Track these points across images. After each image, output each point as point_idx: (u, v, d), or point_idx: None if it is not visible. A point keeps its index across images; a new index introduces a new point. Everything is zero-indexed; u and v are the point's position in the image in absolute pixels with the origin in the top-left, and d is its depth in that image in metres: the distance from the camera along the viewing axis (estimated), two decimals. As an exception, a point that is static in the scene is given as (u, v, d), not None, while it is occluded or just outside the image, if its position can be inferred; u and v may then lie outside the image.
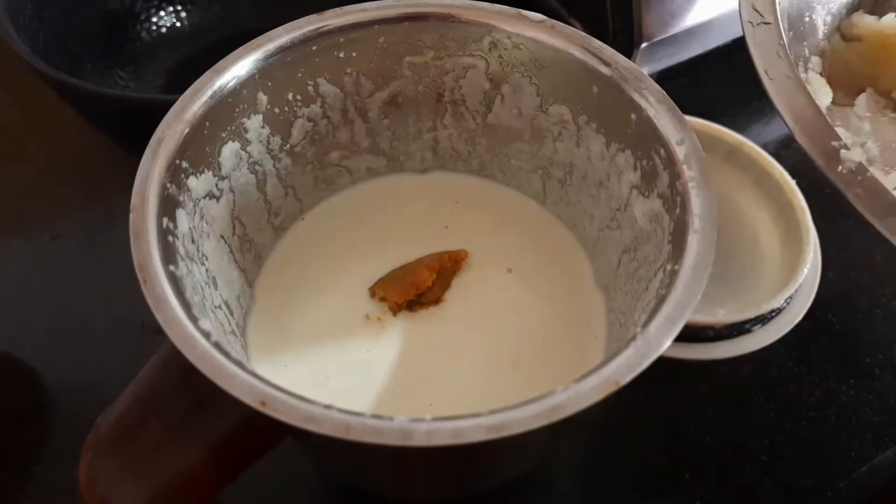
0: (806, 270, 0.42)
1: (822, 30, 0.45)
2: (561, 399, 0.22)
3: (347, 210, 0.40)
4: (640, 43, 0.51)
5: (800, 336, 0.42)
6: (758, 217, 0.47)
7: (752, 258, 0.45)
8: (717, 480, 0.40)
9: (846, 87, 0.45)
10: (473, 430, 0.21)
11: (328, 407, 0.22)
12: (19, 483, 0.40)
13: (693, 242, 0.26)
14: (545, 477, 0.40)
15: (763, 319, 0.41)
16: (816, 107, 0.33)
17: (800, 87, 0.33)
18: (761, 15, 0.37)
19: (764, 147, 0.47)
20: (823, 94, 0.42)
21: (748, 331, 0.41)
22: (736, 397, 0.44)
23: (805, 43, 0.43)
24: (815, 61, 0.44)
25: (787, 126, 0.32)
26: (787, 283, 0.42)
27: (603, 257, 0.36)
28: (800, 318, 0.42)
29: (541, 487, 0.40)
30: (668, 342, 0.23)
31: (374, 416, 0.21)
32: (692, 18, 0.53)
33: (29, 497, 0.40)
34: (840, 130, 0.39)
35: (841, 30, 0.46)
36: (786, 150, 0.56)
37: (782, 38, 0.35)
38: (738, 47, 0.59)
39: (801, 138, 0.32)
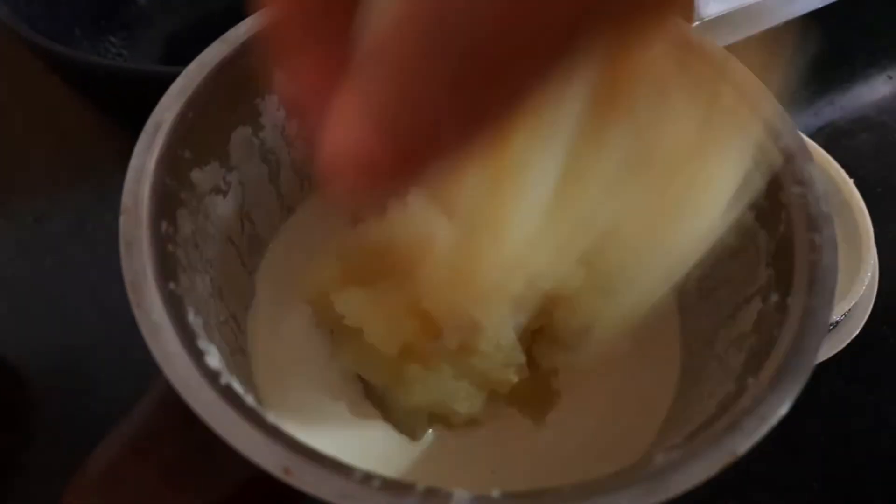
0: (867, 280, 0.39)
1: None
2: (664, 475, 0.17)
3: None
4: (693, 21, 0.47)
5: (851, 352, 0.38)
6: (809, 218, 0.43)
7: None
8: (766, 510, 0.37)
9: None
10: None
11: (368, 476, 0.17)
12: (-1, 490, 0.36)
13: (806, 270, 0.21)
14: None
15: (817, 334, 0.37)
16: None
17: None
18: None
19: (811, 139, 0.43)
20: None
21: (801, 346, 0.37)
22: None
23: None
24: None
25: None
26: (844, 293, 0.38)
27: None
28: (857, 332, 0.38)
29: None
30: (790, 401, 0.18)
31: (429, 491, 0.17)
32: (749, -5, 0.49)
33: (9, 506, 0.36)
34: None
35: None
36: (836, 144, 0.52)
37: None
38: (789, 31, 0.55)
39: None
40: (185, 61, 0.27)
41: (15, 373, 0.40)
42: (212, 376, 0.19)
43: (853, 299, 0.38)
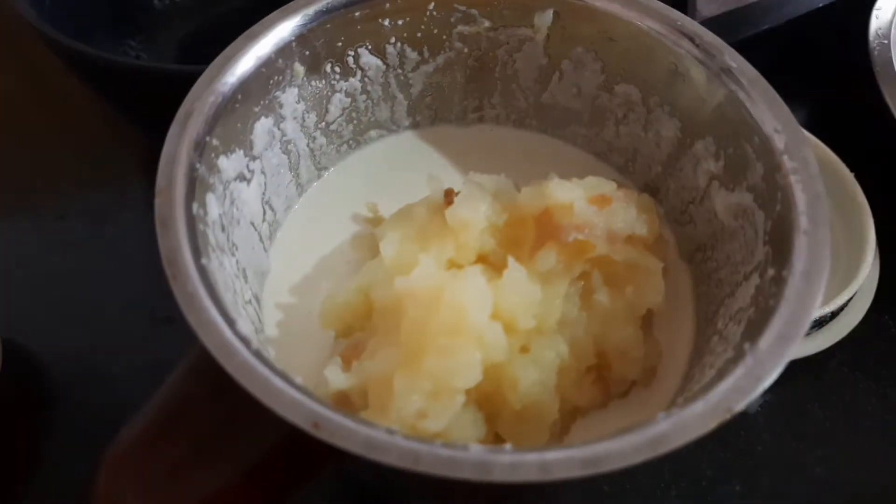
0: (867, 270, 0.39)
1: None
2: (664, 429, 0.18)
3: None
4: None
5: (854, 339, 0.39)
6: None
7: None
8: (770, 493, 0.38)
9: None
10: (564, 465, 0.18)
11: (391, 431, 0.18)
12: (19, 482, 0.37)
13: (802, 245, 0.22)
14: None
15: (820, 322, 0.38)
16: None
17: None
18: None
19: (813, 134, 0.44)
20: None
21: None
22: (788, 404, 0.41)
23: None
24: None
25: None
26: (846, 283, 0.39)
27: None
28: (858, 321, 0.39)
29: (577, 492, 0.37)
30: (784, 362, 0.20)
31: (446, 446, 0.18)
32: (748, -5, 0.50)
33: (30, 498, 0.37)
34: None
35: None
36: (837, 139, 0.53)
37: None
38: (786, 31, 0.56)
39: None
40: (201, 62, 0.28)
41: (36, 365, 0.41)
42: (244, 341, 0.20)
43: (854, 288, 0.38)
